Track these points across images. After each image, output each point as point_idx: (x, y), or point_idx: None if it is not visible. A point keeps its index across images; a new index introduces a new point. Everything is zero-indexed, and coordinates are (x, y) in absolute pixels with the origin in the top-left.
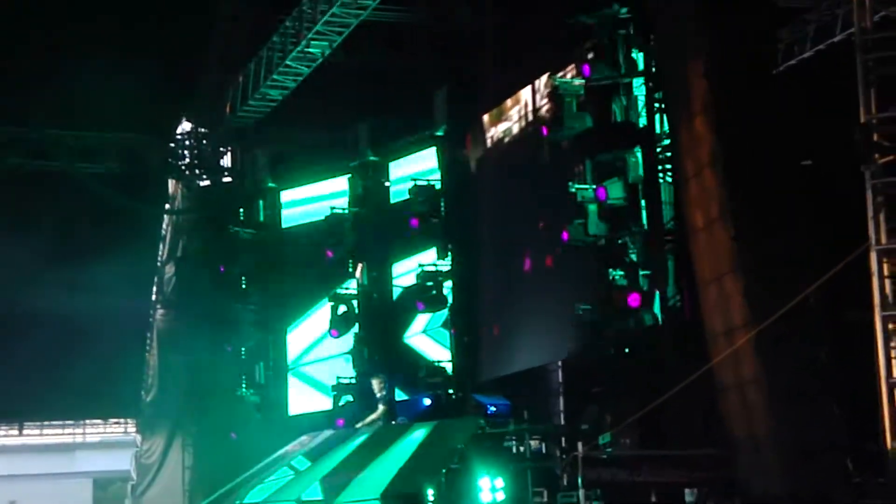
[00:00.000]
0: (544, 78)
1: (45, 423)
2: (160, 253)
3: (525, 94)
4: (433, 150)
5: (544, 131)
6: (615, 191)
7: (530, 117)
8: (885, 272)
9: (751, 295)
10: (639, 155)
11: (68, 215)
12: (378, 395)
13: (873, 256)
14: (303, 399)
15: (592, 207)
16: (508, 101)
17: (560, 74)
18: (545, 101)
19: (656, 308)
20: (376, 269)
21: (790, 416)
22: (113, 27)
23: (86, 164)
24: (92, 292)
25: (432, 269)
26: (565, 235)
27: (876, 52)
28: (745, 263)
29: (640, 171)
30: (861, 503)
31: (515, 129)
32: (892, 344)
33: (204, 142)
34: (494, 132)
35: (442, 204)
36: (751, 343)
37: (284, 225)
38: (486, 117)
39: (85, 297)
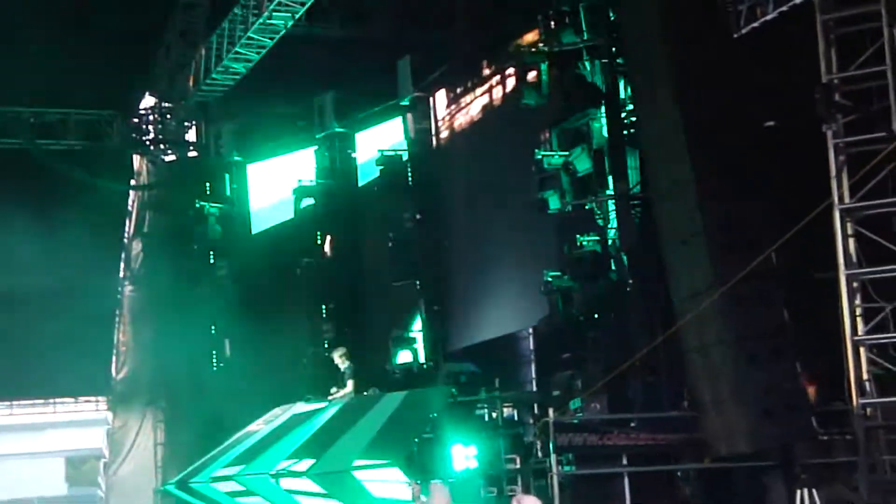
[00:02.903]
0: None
1: (15, 402)
2: (127, 229)
3: (492, 63)
4: (399, 119)
5: (513, 98)
6: (582, 162)
7: (497, 86)
8: (849, 231)
9: (715, 258)
10: (603, 120)
11: (32, 192)
12: (342, 368)
13: (836, 215)
14: None
15: (565, 177)
16: (475, 71)
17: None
18: (510, 70)
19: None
20: (344, 240)
21: (754, 376)
22: (73, 2)
23: (47, 140)
24: (59, 270)
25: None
26: (544, 204)
27: (836, 13)
28: (709, 226)
29: (603, 137)
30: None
31: (482, 98)
32: (857, 302)
33: (168, 116)
34: (461, 101)
35: (409, 173)
36: (715, 305)
37: (251, 198)
38: (452, 85)
39: (52, 275)
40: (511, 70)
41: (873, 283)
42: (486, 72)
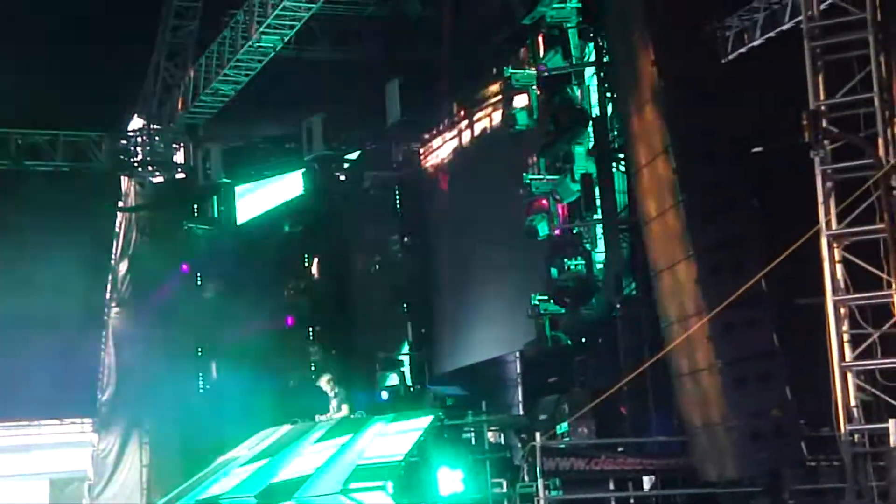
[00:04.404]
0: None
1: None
2: (114, 251)
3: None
4: (386, 142)
5: (502, 123)
6: (566, 190)
7: (470, 126)
8: (836, 257)
9: (703, 282)
10: (588, 145)
11: (18, 213)
12: (331, 394)
13: (824, 241)
14: None
15: (553, 201)
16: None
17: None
18: (498, 97)
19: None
20: (331, 262)
21: (743, 401)
22: (61, 25)
23: (35, 162)
24: (45, 291)
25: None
26: (533, 230)
27: (823, 40)
28: (697, 251)
29: (590, 162)
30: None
31: (471, 123)
32: (844, 328)
33: (156, 138)
34: (450, 125)
35: (397, 196)
36: (704, 330)
37: (239, 220)
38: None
39: (38, 296)
40: (490, 106)
41: (860, 308)
42: (462, 112)
